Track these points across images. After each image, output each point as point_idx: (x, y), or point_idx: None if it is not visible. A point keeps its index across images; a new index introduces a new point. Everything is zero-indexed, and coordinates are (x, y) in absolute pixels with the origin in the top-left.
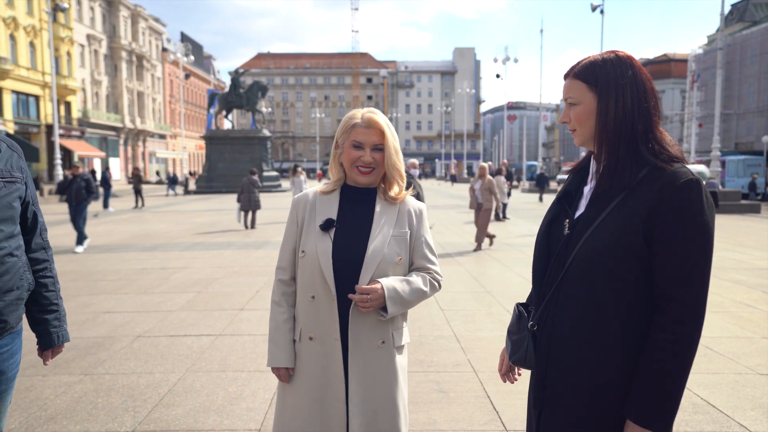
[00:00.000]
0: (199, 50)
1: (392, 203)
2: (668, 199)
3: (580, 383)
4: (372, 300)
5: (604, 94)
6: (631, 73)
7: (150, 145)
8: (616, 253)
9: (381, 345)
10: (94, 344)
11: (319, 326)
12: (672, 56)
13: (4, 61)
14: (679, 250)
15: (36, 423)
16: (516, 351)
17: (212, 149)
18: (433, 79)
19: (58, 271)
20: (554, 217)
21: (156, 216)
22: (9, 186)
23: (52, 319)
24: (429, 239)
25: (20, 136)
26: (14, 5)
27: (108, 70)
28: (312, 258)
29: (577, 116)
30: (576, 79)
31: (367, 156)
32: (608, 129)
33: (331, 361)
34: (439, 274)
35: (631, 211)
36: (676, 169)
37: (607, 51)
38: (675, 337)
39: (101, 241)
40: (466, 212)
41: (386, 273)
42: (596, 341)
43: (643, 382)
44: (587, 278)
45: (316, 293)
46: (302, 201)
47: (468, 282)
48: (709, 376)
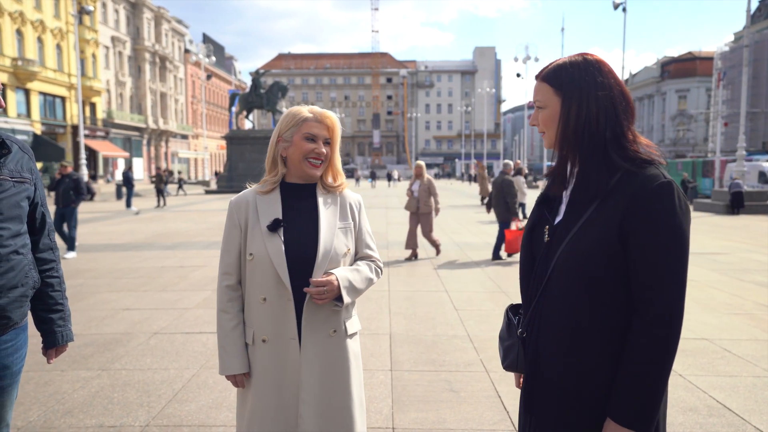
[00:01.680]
0: (221, 51)
1: (333, 192)
2: (641, 203)
3: (566, 387)
4: (328, 291)
5: (567, 98)
6: (600, 78)
7: (172, 146)
8: (594, 259)
9: (333, 334)
10: (112, 340)
11: (272, 327)
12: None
13: (32, 64)
14: (654, 254)
15: (54, 416)
16: (507, 357)
17: (233, 149)
18: (453, 78)
19: (81, 268)
20: (535, 222)
21: (177, 215)
22: (18, 186)
23: (57, 319)
24: (369, 229)
25: (47, 137)
26: (42, 9)
27: (132, 71)
28: (263, 260)
29: (543, 119)
30: (543, 82)
31: (321, 147)
32: (568, 134)
33: (287, 360)
34: (380, 260)
35: (606, 218)
36: (648, 173)
37: (577, 54)
38: (653, 340)
39: (123, 239)
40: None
41: (337, 265)
42: (579, 346)
43: (623, 383)
44: (567, 284)
45: (269, 294)
46: (242, 203)
47: (483, 282)
48: (727, 378)
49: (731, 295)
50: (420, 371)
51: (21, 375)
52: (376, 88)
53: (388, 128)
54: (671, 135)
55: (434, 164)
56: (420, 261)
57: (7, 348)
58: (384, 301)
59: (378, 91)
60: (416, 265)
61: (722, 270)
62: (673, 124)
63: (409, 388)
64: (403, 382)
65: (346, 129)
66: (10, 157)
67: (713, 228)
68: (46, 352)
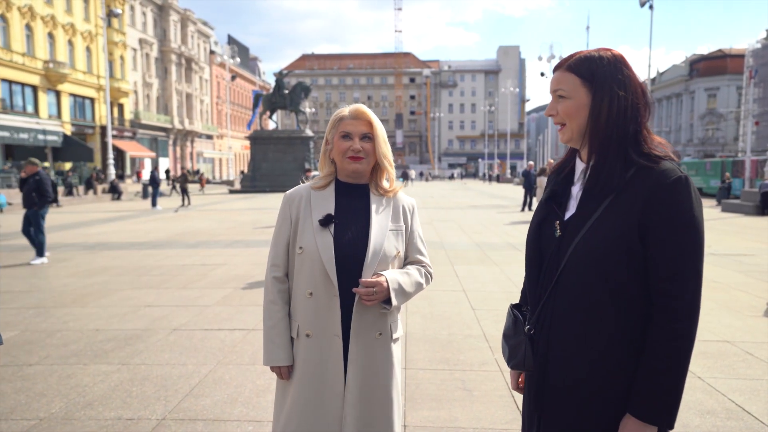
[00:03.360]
0: (245, 52)
1: (385, 196)
2: (660, 197)
3: (581, 385)
4: (378, 293)
5: (599, 91)
6: (626, 73)
7: (198, 146)
8: (611, 253)
9: (378, 337)
10: (132, 336)
11: (317, 322)
12: (727, 52)
13: (63, 66)
14: (673, 247)
15: (74, 408)
16: (514, 356)
17: (257, 149)
18: (476, 78)
19: (106, 266)
20: (543, 218)
21: (201, 214)
22: None
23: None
24: (421, 233)
25: (77, 137)
26: (72, 12)
27: (158, 72)
28: (312, 254)
29: (566, 110)
30: (569, 72)
31: (356, 144)
32: (599, 128)
33: (330, 356)
34: (431, 266)
35: (623, 212)
36: (665, 167)
37: (602, 48)
38: (674, 334)
39: (147, 237)
40: (506, 212)
41: (386, 266)
42: (595, 342)
43: (644, 378)
44: (582, 280)
45: (315, 289)
46: (296, 197)
47: (502, 282)
48: (747, 381)
49: (756, 297)
50: (434, 370)
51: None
52: (399, 88)
53: (411, 128)
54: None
55: (457, 164)
56: (439, 261)
57: None
58: None
59: (401, 91)
60: (435, 265)
61: (748, 272)
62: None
63: (422, 387)
64: (417, 380)
65: None
66: None
67: (741, 229)
68: None
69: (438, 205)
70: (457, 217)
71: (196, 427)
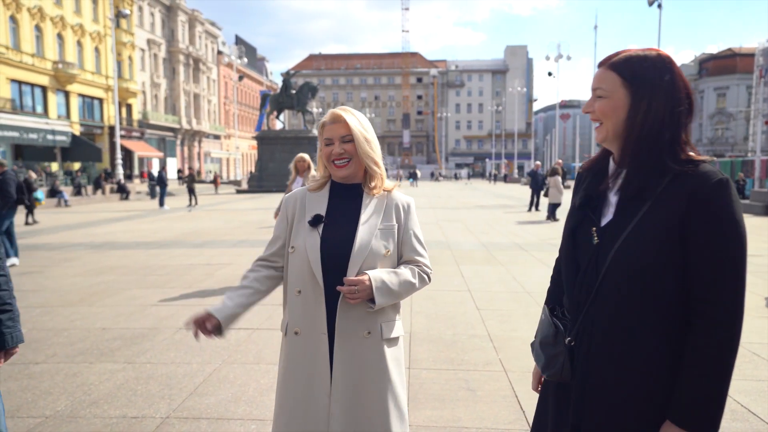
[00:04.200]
0: (253, 52)
1: (377, 195)
2: (701, 201)
3: (624, 395)
4: (360, 291)
5: (638, 93)
6: (669, 76)
7: (205, 146)
8: (654, 260)
9: (367, 336)
10: (138, 335)
11: (305, 320)
12: (737, 51)
13: (72, 66)
14: (715, 252)
15: (80, 406)
16: (552, 366)
17: (263, 149)
18: (483, 78)
19: (113, 265)
20: (578, 224)
21: (207, 214)
22: None
23: (6, 320)
24: (418, 232)
25: (85, 138)
26: (81, 13)
27: (166, 73)
28: (301, 253)
29: (603, 109)
30: (611, 71)
31: (337, 148)
32: (634, 131)
33: (317, 355)
34: (429, 266)
35: (663, 217)
36: (705, 170)
37: (649, 48)
38: (716, 340)
39: (154, 237)
40: (512, 212)
41: (374, 266)
42: (639, 350)
43: (686, 385)
44: (624, 288)
45: (304, 288)
46: (292, 199)
47: (508, 282)
48: (753, 383)
49: (763, 298)
50: (437, 370)
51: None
52: (406, 88)
53: (418, 128)
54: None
55: (464, 164)
56: (445, 261)
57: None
58: (405, 300)
59: (408, 91)
60: (440, 265)
61: (757, 272)
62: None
63: (426, 386)
64: (420, 380)
65: (376, 129)
66: None
67: (751, 229)
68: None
69: (445, 204)
70: (463, 216)
71: (200, 425)
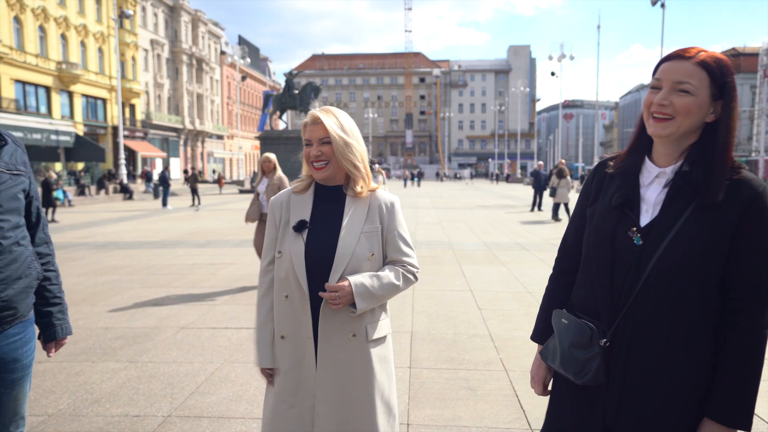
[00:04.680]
0: (256, 53)
1: (360, 198)
2: (755, 207)
3: (665, 394)
4: (341, 297)
5: (729, 102)
6: (735, 82)
7: (208, 146)
8: (702, 261)
9: (351, 338)
10: (141, 334)
11: (291, 325)
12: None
13: (76, 67)
14: (764, 256)
15: (82, 405)
16: (586, 370)
17: (266, 149)
18: (486, 77)
19: (116, 265)
20: (617, 224)
21: (211, 214)
22: (15, 178)
23: (56, 312)
24: (402, 231)
25: (89, 138)
26: (85, 13)
27: (170, 73)
28: (286, 258)
29: (687, 106)
30: (700, 68)
31: (315, 150)
32: (726, 142)
33: (303, 358)
34: (415, 265)
35: (713, 220)
36: (750, 177)
37: (721, 52)
38: (758, 339)
39: (158, 237)
40: (515, 212)
41: (358, 270)
42: (681, 350)
43: (726, 384)
44: (669, 288)
45: (290, 292)
46: (278, 203)
47: (509, 282)
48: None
49: None
50: (438, 369)
51: (32, 368)
52: (409, 88)
53: (421, 128)
54: None
55: (467, 164)
56: (447, 261)
57: (16, 341)
58: (408, 299)
59: (411, 91)
60: (442, 265)
61: None
62: None
63: (427, 386)
64: (421, 379)
65: (379, 129)
66: (5, 149)
67: None
68: (45, 345)
69: (447, 205)
70: (465, 217)
71: (201, 423)
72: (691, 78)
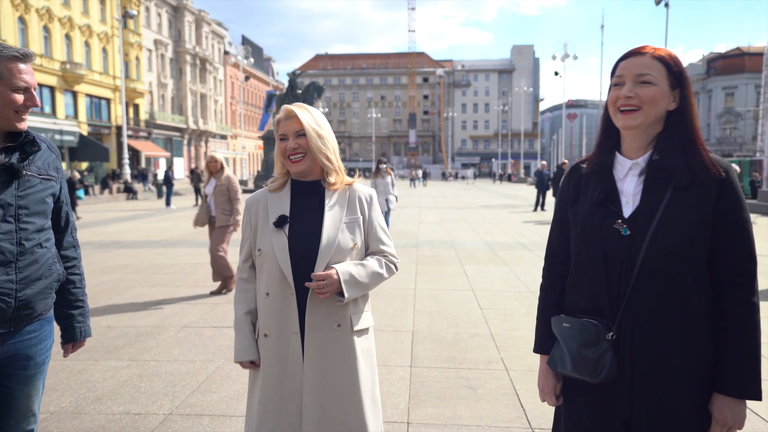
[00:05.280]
0: (259, 52)
1: (338, 190)
2: (726, 184)
3: (673, 377)
4: (328, 285)
5: (686, 90)
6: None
7: (212, 145)
8: (689, 242)
9: (337, 328)
10: (143, 333)
11: (275, 322)
12: (746, 50)
13: (80, 67)
14: (744, 229)
15: (84, 403)
16: (600, 367)
17: (269, 149)
18: (490, 77)
19: (120, 264)
20: (602, 219)
21: None
22: (44, 183)
23: (78, 315)
24: (382, 223)
25: (93, 138)
26: (89, 14)
27: (173, 73)
28: (269, 255)
29: (651, 96)
30: (657, 61)
31: (291, 143)
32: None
33: (289, 354)
34: (395, 256)
35: (695, 202)
36: (715, 158)
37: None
38: (752, 308)
39: (161, 236)
40: (518, 212)
41: (342, 260)
42: (683, 332)
43: (733, 357)
44: (666, 272)
45: (272, 290)
46: (254, 202)
47: (511, 281)
48: None
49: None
50: (439, 368)
51: (47, 366)
52: (413, 88)
53: (424, 128)
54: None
55: (471, 164)
56: (449, 260)
57: (31, 339)
58: (409, 299)
59: (414, 91)
60: (444, 264)
61: (765, 272)
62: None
63: (427, 384)
64: (422, 378)
65: (382, 129)
66: (39, 155)
67: (759, 229)
68: (63, 346)
69: (449, 205)
70: (468, 216)
71: (202, 422)
72: (651, 70)
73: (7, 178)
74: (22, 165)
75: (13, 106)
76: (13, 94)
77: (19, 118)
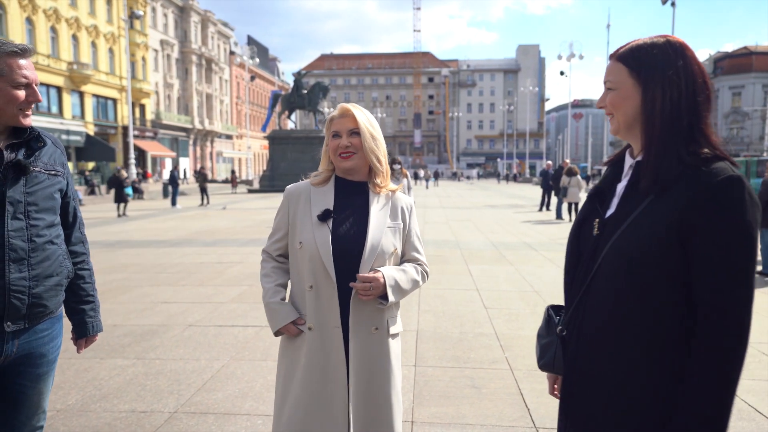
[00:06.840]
0: (265, 53)
1: (383, 194)
2: (705, 198)
3: (602, 397)
4: (374, 288)
5: (650, 83)
6: (681, 62)
7: (217, 145)
8: (645, 256)
9: (374, 331)
10: (149, 331)
11: (318, 315)
12: (753, 49)
13: (86, 67)
14: (720, 255)
15: (90, 401)
16: (543, 355)
17: (275, 149)
18: (495, 77)
19: (125, 263)
20: (585, 216)
21: (219, 213)
22: (52, 178)
23: (89, 310)
24: (419, 232)
25: (99, 138)
26: (96, 14)
27: (179, 73)
28: (311, 248)
29: (612, 101)
30: (618, 62)
31: (344, 140)
32: (654, 123)
33: (332, 349)
34: (427, 264)
35: (663, 212)
36: (715, 167)
37: (659, 35)
38: (718, 353)
39: (167, 236)
40: (522, 212)
41: (383, 263)
42: (620, 352)
43: (686, 402)
44: (614, 282)
45: (316, 283)
46: (296, 192)
47: (516, 281)
48: (761, 382)
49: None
50: (443, 367)
51: (56, 363)
52: (418, 88)
53: (430, 128)
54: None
55: (476, 164)
56: (454, 260)
57: (43, 337)
58: (414, 298)
59: (419, 91)
60: (449, 264)
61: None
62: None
63: (431, 384)
64: (426, 377)
65: (387, 129)
66: (44, 150)
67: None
68: (76, 341)
69: (455, 204)
70: (473, 216)
71: (207, 420)
72: (610, 75)
73: (14, 174)
74: (29, 161)
75: (16, 103)
76: (15, 90)
77: (23, 114)
